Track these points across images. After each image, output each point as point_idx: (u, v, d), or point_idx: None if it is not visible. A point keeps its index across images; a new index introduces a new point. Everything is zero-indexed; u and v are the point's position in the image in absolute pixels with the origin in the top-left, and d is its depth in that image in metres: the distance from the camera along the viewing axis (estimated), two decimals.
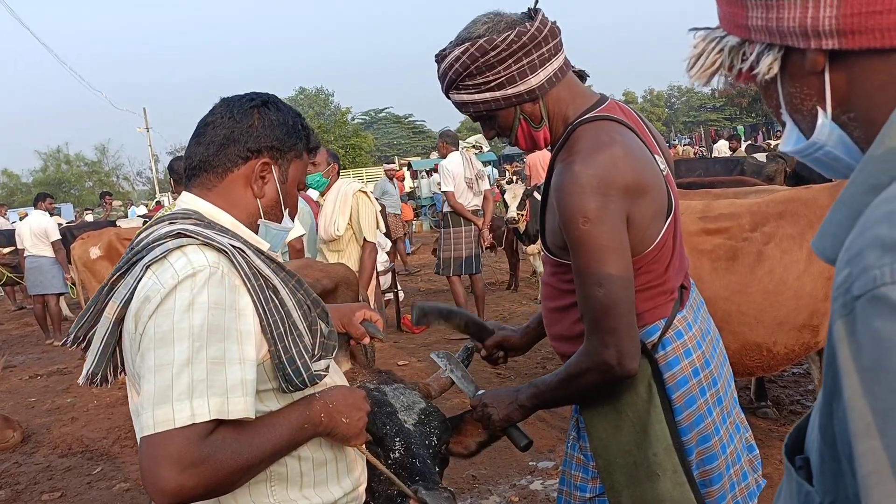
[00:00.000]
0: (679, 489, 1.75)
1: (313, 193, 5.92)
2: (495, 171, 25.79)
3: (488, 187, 8.06)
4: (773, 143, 19.83)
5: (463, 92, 1.81)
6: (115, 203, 19.27)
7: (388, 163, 19.89)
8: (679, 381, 1.79)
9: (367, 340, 1.91)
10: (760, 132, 32.97)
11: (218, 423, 1.29)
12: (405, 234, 12.90)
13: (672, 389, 1.79)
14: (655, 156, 1.81)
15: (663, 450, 1.76)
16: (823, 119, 0.82)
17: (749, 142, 21.49)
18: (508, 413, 1.92)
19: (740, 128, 36.07)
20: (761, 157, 11.21)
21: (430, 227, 19.71)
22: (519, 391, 1.92)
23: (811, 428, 0.80)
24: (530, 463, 4.59)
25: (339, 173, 5.58)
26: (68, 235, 10.34)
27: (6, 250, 10.84)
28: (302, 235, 5.19)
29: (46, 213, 10.50)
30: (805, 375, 5.63)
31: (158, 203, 16.21)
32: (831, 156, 0.84)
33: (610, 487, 1.83)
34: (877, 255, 0.62)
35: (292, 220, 1.67)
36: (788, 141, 0.89)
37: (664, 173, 1.81)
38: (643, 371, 1.77)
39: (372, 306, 2.46)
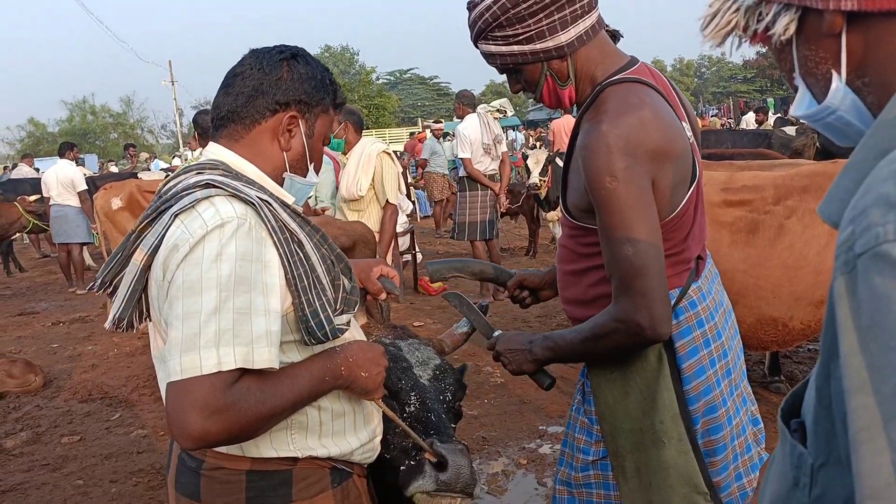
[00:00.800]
0: (683, 457, 1.76)
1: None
2: (521, 135, 25.47)
3: (506, 150, 7.91)
4: None
5: (491, 43, 1.80)
6: (143, 155, 19.38)
7: (413, 125, 19.75)
8: (689, 350, 1.79)
9: (383, 296, 1.93)
10: (790, 105, 32.34)
11: (243, 373, 1.31)
12: (451, 195, 12.70)
13: (682, 359, 1.78)
14: (683, 122, 1.79)
15: (670, 418, 1.76)
16: (837, 83, 0.80)
17: (778, 115, 21.10)
18: (520, 366, 1.94)
19: (770, 100, 35.42)
20: (790, 130, 11.02)
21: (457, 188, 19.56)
22: (533, 343, 1.92)
23: (808, 392, 0.80)
24: (540, 427, 4.63)
25: (359, 132, 5.55)
26: (91, 186, 10.42)
27: (32, 198, 10.96)
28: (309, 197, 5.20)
29: (73, 163, 10.60)
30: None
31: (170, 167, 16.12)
32: (843, 121, 0.82)
33: (614, 452, 1.84)
34: (881, 212, 0.61)
35: (317, 174, 1.68)
36: (800, 105, 0.88)
37: (690, 141, 1.79)
38: None
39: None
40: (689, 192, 1.76)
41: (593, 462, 1.92)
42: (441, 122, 16.50)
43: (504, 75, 1.93)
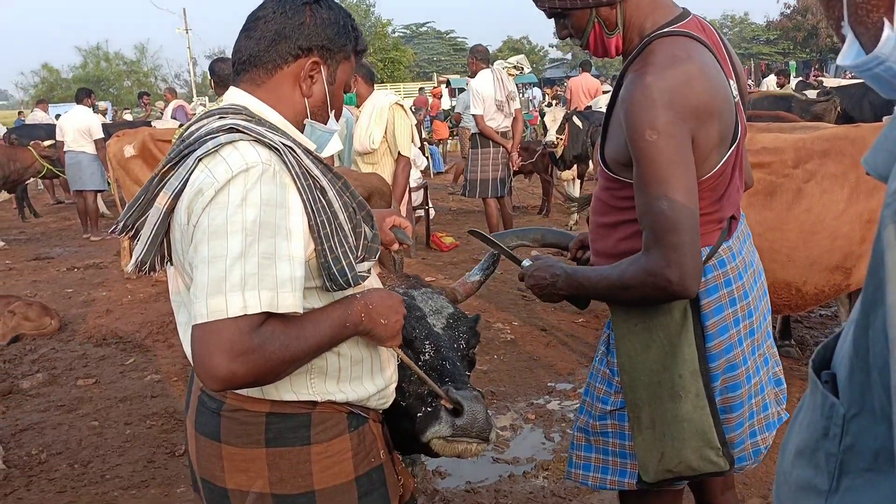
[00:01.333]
0: (699, 412, 1.78)
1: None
2: (538, 92, 25.18)
3: (519, 107, 7.78)
4: (824, 79, 19.09)
5: None
6: (159, 104, 19.35)
7: (428, 79, 19.55)
8: (715, 308, 1.80)
9: (396, 247, 1.94)
10: (813, 69, 31.84)
11: (267, 317, 1.32)
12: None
13: (707, 316, 1.80)
14: (730, 80, 1.77)
15: (689, 373, 1.78)
16: (890, 32, 0.78)
17: (800, 78, 20.75)
18: (550, 299, 2.00)
19: (792, 63, 34.83)
20: (812, 94, 10.85)
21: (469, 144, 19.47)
22: (558, 277, 1.94)
23: (841, 344, 0.80)
24: (549, 384, 4.67)
25: (371, 85, 5.50)
26: (105, 134, 10.40)
27: (45, 143, 10.97)
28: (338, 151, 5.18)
29: (90, 110, 10.56)
30: (832, 318, 5.59)
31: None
32: (891, 72, 0.80)
33: (631, 403, 1.86)
34: None
35: (337, 121, 1.67)
36: (847, 55, 0.85)
37: (735, 100, 1.78)
38: None
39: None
40: (729, 153, 1.75)
41: (611, 412, 1.95)
42: (432, 80, 16.26)
43: (552, 20, 1.91)
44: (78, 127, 10.08)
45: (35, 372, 5.23)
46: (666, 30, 1.73)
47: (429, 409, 1.75)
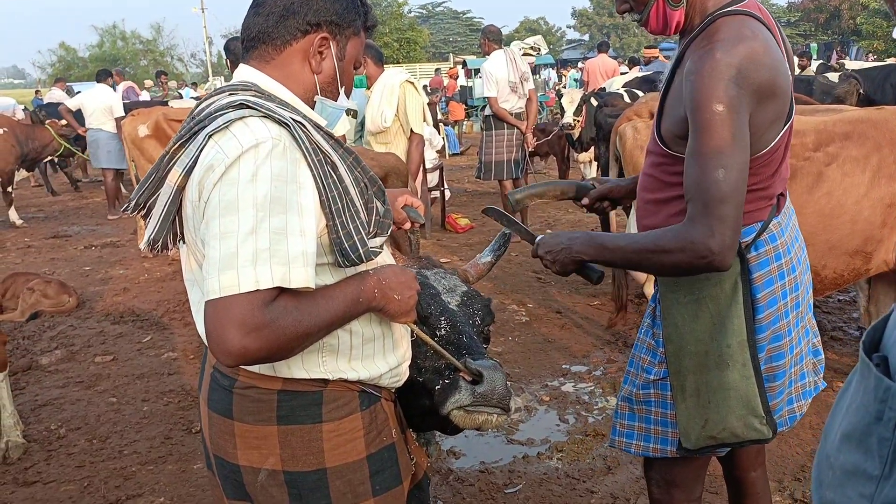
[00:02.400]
0: (745, 381, 1.83)
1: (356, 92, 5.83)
2: (553, 73, 24.99)
3: (533, 88, 7.71)
4: (846, 62, 18.80)
5: None
6: (171, 84, 19.42)
7: (444, 60, 19.46)
8: (766, 281, 1.85)
9: (408, 225, 1.93)
10: (835, 51, 31.33)
11: (280, 292, 1.32)
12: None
13: (758, 289, 1.84)
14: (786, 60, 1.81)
15: (738, 343, 1.82)
16: None
17: (821, 61, 20.44)
18: (564, 267, 1.98)
19: (814, 45, 34.31)
20: (833, 76, 10.68)
21: (481, 128, 19.44)
22: (573, 240, 1.95)
23: (891, 327, 0.79)
24: (563, 366, 4.67)
25: (380, 65, 5.46)
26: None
27: (62, 122, 11.02)
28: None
29: (111, 89, 10.62)
30: (851, 303, 5.55)
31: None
32: None
33: (676, 371, 1.91)
34: None
35: (347, 98, 1.66)
36: None
37: (790, 80, 1.81)
38: (733, 268, 1.81)
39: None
40: (783, 131, 1.79)
41: (654, 381, 2.01)
42: (448, 61, 16.18)
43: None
44: (98, 104, 10.14)
45: (54, 348, 5.29)
46: (730, 8, 1.76)
47: (446, 381, 1.75)
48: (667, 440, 2.01)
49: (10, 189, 10.22)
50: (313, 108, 1.58)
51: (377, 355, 1.61)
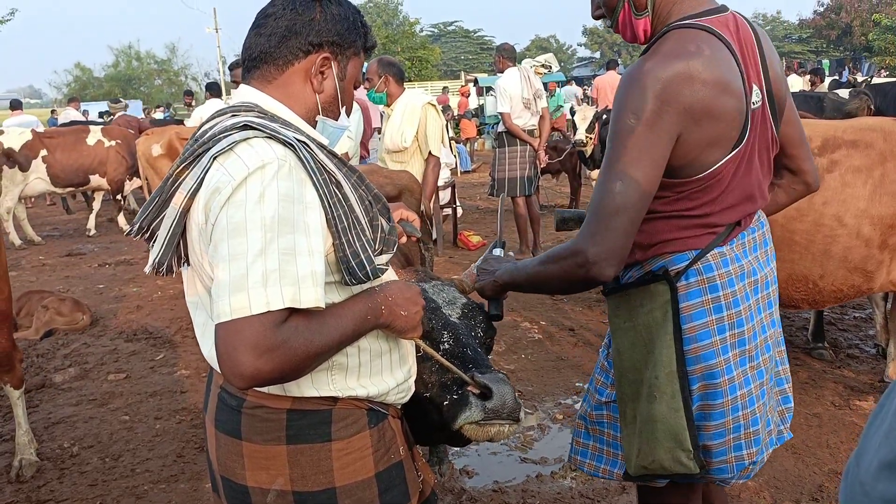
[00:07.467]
0: (674, 414, 1.77)
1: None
2: (573, 89, 24.94)
3: (545, 105, 7.73)
4: (859, 77, 18.74)
5: None
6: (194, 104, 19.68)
7: (455, 78, 19.55)
8: (695, 313, 1.76)
9: (404, 239, 1.92)
10: (847, 67, 31.30)
11: (290, 313, 1.31)
12: None
13: (685, 319, 1.76)
14: (752, 84, 1.72)
15: (665, 374, 1.77)
16: None
17: (833, 77, 20.40)
18: (482, 285, 2.02)
19: (825, 62, 34.30)
20: (844, 93, 10.64)
21: (493, 146, 19.47)
22: (504, 269, 1.97)
23: None
24: (577, 384, 4.64)
25: (401, 84, 5.49)
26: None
27: None
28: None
29: (223, 104, 10.77)
30: (867, 321, 5.49)
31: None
32: None
33: (620, 397, 1.90)
34: None
35: (348, 116, 1.67)
36: None
37: (755, 106, 1.72)
38: (662, 296, 1.77)
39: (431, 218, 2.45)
40: (729, 156, 1.70)
41: (606, 403, 1.99)
42: (460, 79, 16.24)
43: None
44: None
45: (67, 366, 5.31)
46: (686, 21, 1.71)
47: (455, 397, 1.74)
48: (616, 462, 1.98)
49: (119, 197, 10.82)
50: (315, 128, 1.59)
51: (385, 371, 1.61)
